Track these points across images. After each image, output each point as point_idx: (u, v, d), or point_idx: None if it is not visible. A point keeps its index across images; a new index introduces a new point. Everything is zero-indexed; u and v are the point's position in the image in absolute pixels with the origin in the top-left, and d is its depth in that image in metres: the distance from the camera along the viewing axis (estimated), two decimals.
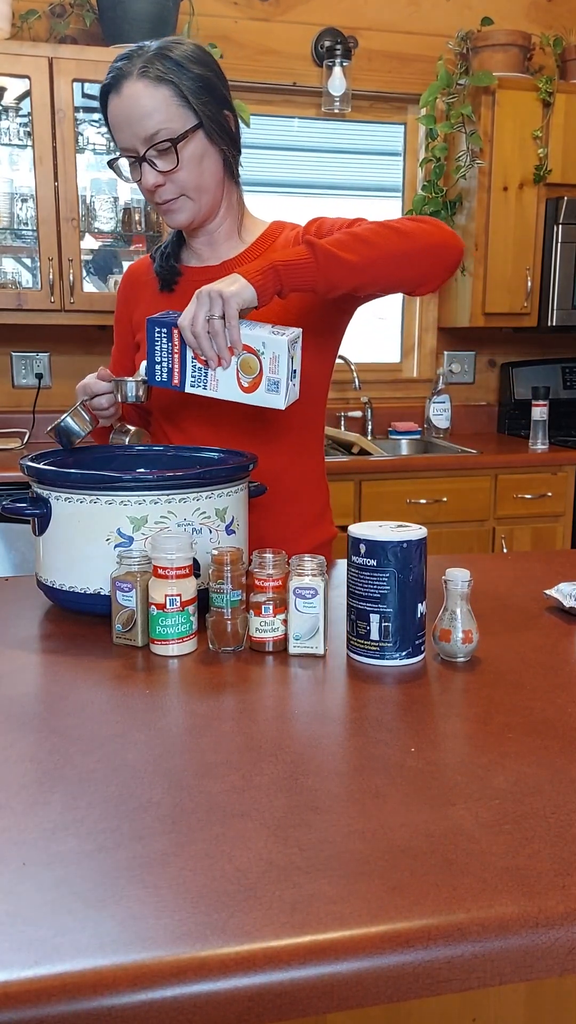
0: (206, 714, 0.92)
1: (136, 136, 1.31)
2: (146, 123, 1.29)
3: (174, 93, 1.30)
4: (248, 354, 1.24)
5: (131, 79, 1.29)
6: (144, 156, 1.32)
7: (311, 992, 0.57)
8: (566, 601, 1.24)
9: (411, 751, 0.84)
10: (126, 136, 1.32)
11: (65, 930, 0.59)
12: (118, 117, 1.31)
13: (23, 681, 1.02)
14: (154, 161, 1.32)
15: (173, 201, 1.37)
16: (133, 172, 1.36)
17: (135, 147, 1.32)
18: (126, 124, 1.31)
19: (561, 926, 0.61)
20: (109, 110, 1.33)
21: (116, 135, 1.34)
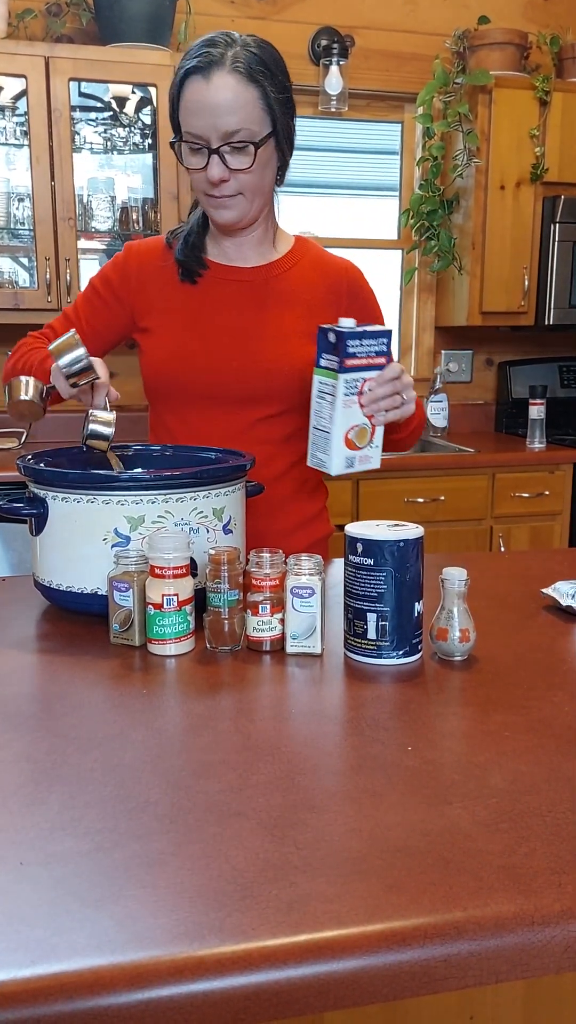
0: (203, 713, 0.93)
1: (215, 128, 1.30)
2: (229, 119, 1.29)
3: (260, 96, 1.31)
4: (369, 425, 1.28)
5: (223, 69, 1.28)
6: (217, 149, 1.31)
7: (308, 991, 0.58)
8: (563, 600, 1.25)
9: (408, 750, 0.84)
10: (203, 124, 1.30)
11: (62, 930, 0.59)
12: (200, 103, 1.29)
13: (20, 681, 1.02)
14: (225, 156, 1.32)
15: (230, 198, 1.37)
16: (193, 158, 1.35)
17: (208, 137, 1.31)
18: (208, 113, 1.29)
19: (557, 924, 0.61)
20: (190, 92, 1.30)
21: (189, 119, 1.31)
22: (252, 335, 1.45)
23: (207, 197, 1.38)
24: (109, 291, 1.50)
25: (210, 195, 1.37)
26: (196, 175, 1.36)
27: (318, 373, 1.25)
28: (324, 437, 1.25)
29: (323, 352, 1.24)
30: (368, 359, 1.24)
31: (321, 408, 1.25)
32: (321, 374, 1.24)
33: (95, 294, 1.51)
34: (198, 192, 1.40)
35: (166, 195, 2.99)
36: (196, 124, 1.31)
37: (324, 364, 1.24)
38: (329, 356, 1.23)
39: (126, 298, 1.49)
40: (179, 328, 1.45)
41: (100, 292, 1.50)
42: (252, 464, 1.27)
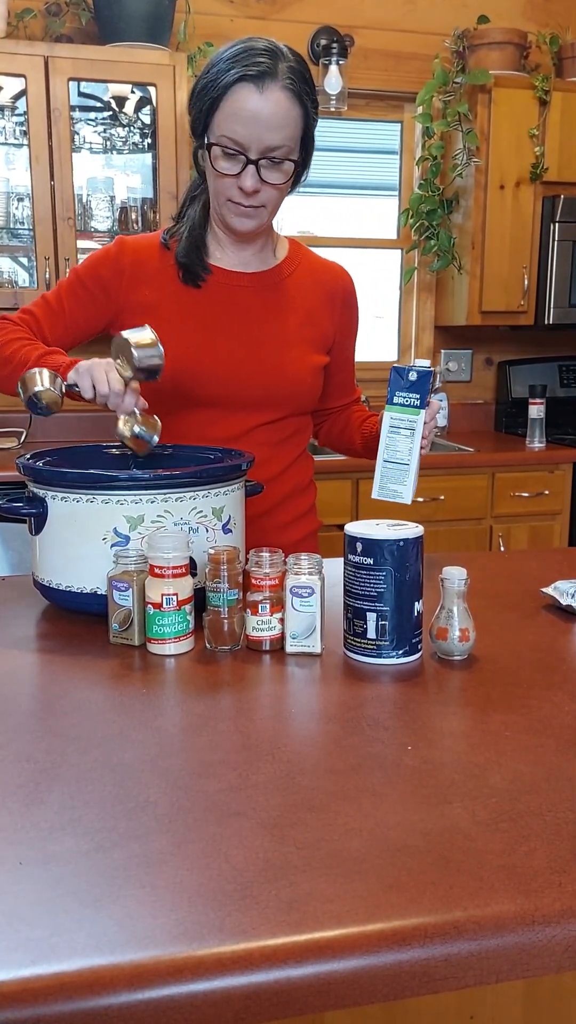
0: (203, 713, 0.92)
1: (259, 140, 1.30)
2: (275, 134, 1.30)
3: (302, 116, 1.33)
4: None
5: (276, 84, 1.29)
6: (256, 161, 1.32)
7: (308, 991, 0.57)
8: (563, 599, 1.25)
9: (408, 749, 0.84)
10: (248, 134, 1.30)
11: (62, 929, 0.59)
12: (250, 113, 1.29)
13: (20, 680, 1.02)
14: (260, 169, 1.33)
15: (254, 208, 1.38)
16: (226, 163, 1.34)
17: (249, 147, 1.31)
18: (255, 123, 1.29)
19: (557, 924, 0.61)
20: (239, 98, 1.29)
21: (234, 125, 1.30)
22: (256, 341, 1.45)
23: (230, 204, 1.38)
24: (97, 284, 1.45)
25: (235, 203, 1.37)
26: (224, 181, 1.35)
27: (392, 410, 1.35)
28: (401, 470, 1.35)
29: (398, 390, 1.35)
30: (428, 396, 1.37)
31: (396, 442, 1.35)
32: (396, 411, 1.34)
33: (80, 285, 1.46)
34: (219, 197, 1.39)
35: (165, 195, 2.99)
36: (240, 132, 1.30)
37: (399, 401, 1.35)
38: (406, 393, 1.34)
39: (115, 294, 1.45)
40: (183, 332, 1.43)
41: (86, 284, 1.46)
42: (251, 464, 1.27)
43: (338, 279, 1.55)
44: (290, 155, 1.33)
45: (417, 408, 1.33)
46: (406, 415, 1.33)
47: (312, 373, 1.50)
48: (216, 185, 1.38)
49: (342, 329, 1.56)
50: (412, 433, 1.34)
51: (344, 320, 1.56)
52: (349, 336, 1.60)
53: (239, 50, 1.30)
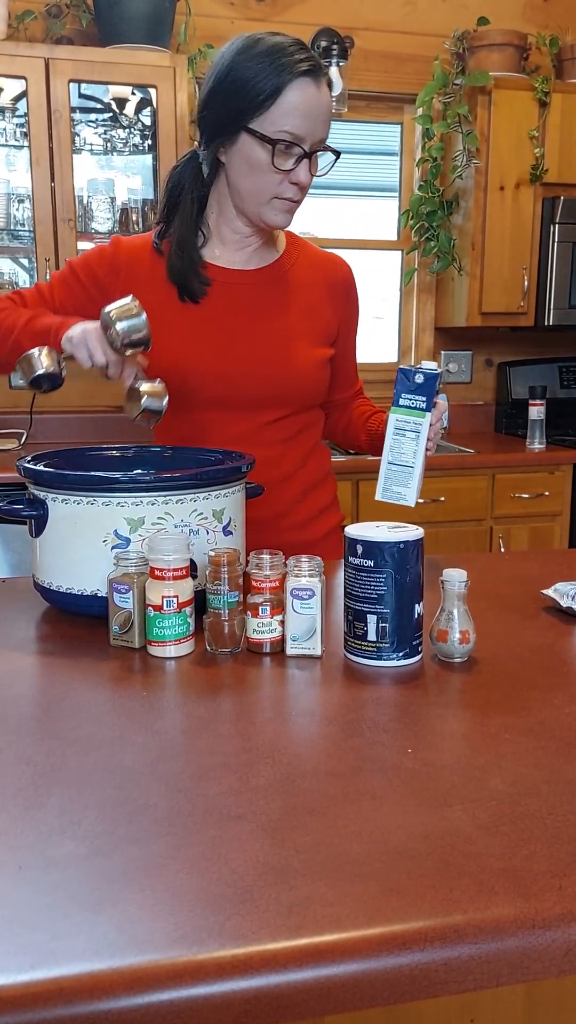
0: (203, 716, 0.92)
1: (314, 133, 1.33)
2: (325, 126, 1.35)
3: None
4: None
5: (324, 79, 1.33)
6: (310, 154, 1.34)
7: (308, 995, 0.57)
8: (563, 601, 1.24)
9: (408, 752, 0.84)
10: (309, 126, 1.32)
11: (61, 934, 0.59)
12: (312, 106, 1.31)
13: (20, 683, 1.01)
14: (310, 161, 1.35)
15: (296, 203, 1.40)
16: (284, 159, 1.34)
17: (305, 140, 1.33)
18: (315, 116, 1.32)
19: (557, 927, 0.61)
20: (301, 93, 1.30)
21: (294, 119, 1.31)
22: (259, 338, 1.45)
23: (276, 200, 1.38)
24: (91, 280, 1.44)
25: (283, 198, 1.38)
26: (273, 176, 1.35)
27: (397, 412, 1.36)
28: (405, 472, 1.36)
29: (404, 392, 1.35)
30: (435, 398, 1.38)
31: (401, 444, 1.36)
32: (402, 412, 1.35)
33: (74, 278, 1.45)
34: (262, 195, 1.37)
35: None
36: (302, 126, 1.32)
37: (405, 403, 1.36)
38: (412, 396, 1.35)
39: (110, 292, 1.41)
40: (183, 334, 1.43)
41: (80, 278, 1.45)
42: (252, 466, 1.27)
43: (338, 270, 1.55)
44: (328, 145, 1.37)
45: (423, 411, 1.34)
46: (411, 417, 1.34)
47: (318, 367, 1.49)
48: (261, 182, 1.36)
49: (344, 320, 1.56)
50: (417, 436, 1.34)
51: (346, 311, 1.56)
52: (351, 327, 1.60)
53: (272, 46, 1.30)
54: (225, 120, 1.34)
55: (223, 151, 1.38)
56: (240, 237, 1.46)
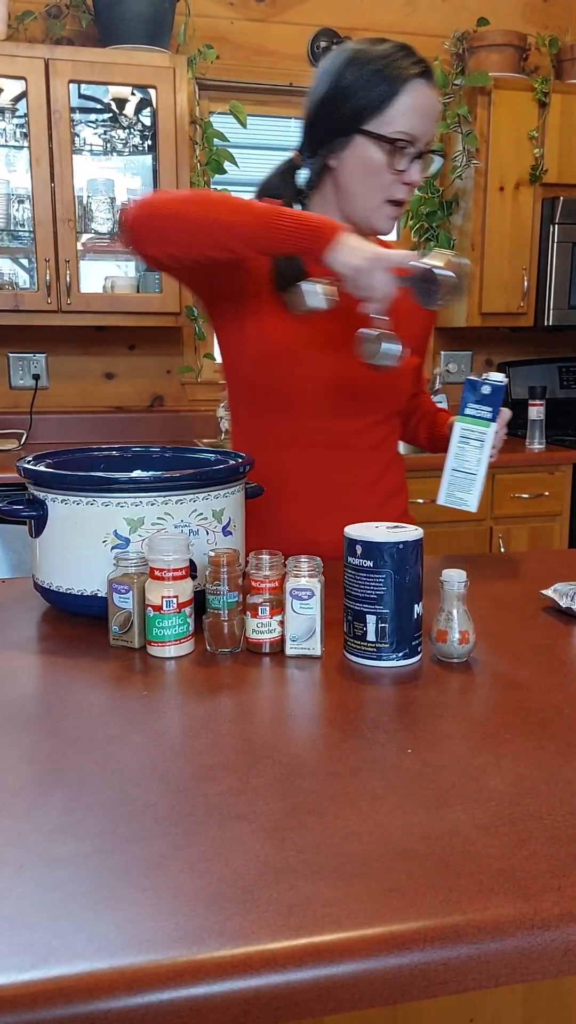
0: (203, 716, 0.93)
1: (428, 133, 1.35)
2: (434, 128, 1.37)
3: None
4: None
5: (434, 84, 1.35)
6: (422, 154, 1.36)
7: (308, 994, 0.58)
8: (563, 601, 1.25)
9: (408, 752, 0.84)
10: (423, 127, 1.34)
11: (62, 933, 0.59)
12: (426, 108, 1.34)
13: (20, 683, 1.02)
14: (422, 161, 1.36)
15: (401, 209, 1.41)
16: (400, 159, 1.35)
17: (421, 141, 1.35)
18: (429, 117, 1.35)
19: (557, 928, 0.61)
20: (417, 94, 1.33)
21: (413, 120, 1.33)
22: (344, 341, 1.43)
23: (386, 205, 1.38)
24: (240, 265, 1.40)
25: (393, 201, 1.38)
26: (387, 176, 1.36)
27: (463, 420, 1.39)
28: (468, 479, 1.39)
29: (471, 402, 1.39)
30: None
31: (465, 452, 1.39)
32: (467, 422, 1.39)
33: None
34: (373, 198, 1.38)
35: None
36: (419, 127, 1.34)
37: (471, 413, 1.39)
38: (479, 406, 1.38)
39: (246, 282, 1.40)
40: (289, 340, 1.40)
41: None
42: (251, 466, 1.27)
43: None
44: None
45: (488, 421, 1.37)
46: (477, 427, 1.37)
47: (412, 374, 1.52)
48: (376, 183, 1.37)
49: (427, 324, 1.58)
50: (482, 444, 1.38)
51: (431, 315, 1.57)
52: (430, 330, 1.63)
53: (382, 52, 1.34)
54: (339, 125, 1.36)
55: (334, 157, 1.39)
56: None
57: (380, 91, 1.32)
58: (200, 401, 3.46)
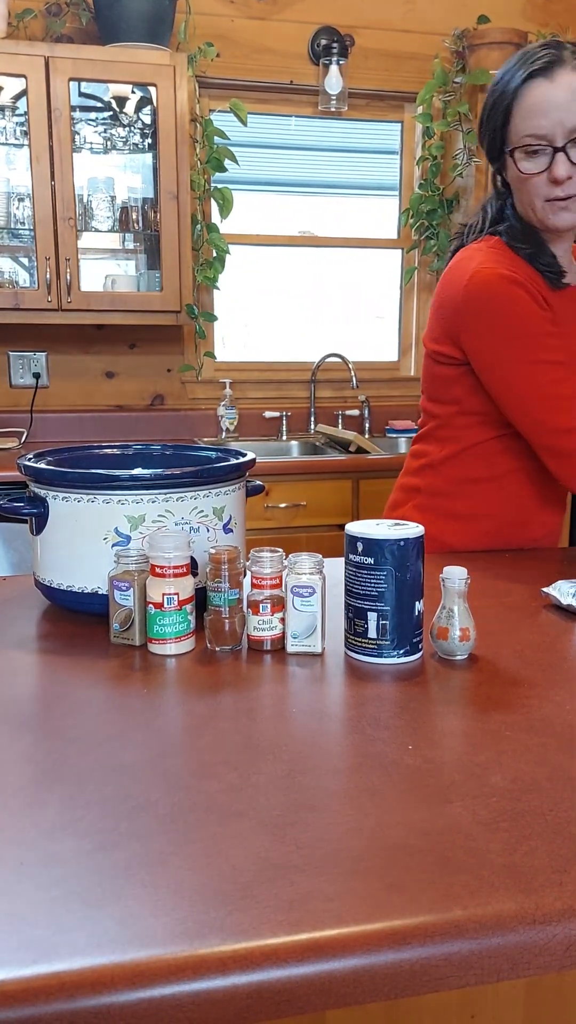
0: (204, 713, 0.93)
1: (561, 124, 1.32)
2: (570, 113, 1.32)
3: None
4: None
5: (566, 67, 1.32)
6: (563, 147, 1.33)
7: (309, 989, 0.58)
8: (564, 599, 1.25)
9: (408, 749, 0.84)
10: (549, 123, 1.32)
11: (63, 929, 0.59)
12: (547, 102, 1.32)
13: (21, 681, 1.02)
14: (569, 153, 1.34)
15: (572, 199, 1.37)
16: (531, 163, 1.36)
17: (554, 135, 1.33)
18: (554, 110, 1.32)
19: (558, 923, 0.61)
20: (532, 93, 1.33)
21: (533, 120, 1.33)
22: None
23: (547, 203, 1.38)
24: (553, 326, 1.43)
25: (552, 199, 1.37)
26: (534, 181, 1.36)
27: None
28: None
29: None
30: None
31: None
32: None
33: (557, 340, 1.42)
34: (532, 199, 1.39)
35: (166, 195, 2.99)
36: (542, 124, 1.32)
37: None
38: None
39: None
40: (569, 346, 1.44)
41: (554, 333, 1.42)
42: (252, 464, 1.27)
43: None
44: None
45: None
46: None
47: None
48: (528, 190, 1.38)
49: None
50: None
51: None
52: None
53: (518, 57, 1.35)
54: (491, 146, 1.41)
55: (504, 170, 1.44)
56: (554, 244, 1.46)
57: (502, 108, 1.36)
58: (201, 400, 3.46)
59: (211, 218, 3.34)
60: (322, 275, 3.60)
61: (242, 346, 3.61)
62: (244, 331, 3.60)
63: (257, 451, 3.27)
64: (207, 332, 3.41)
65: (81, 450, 1.40)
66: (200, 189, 3.22)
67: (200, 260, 3.27)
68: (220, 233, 3.25)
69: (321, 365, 3.43)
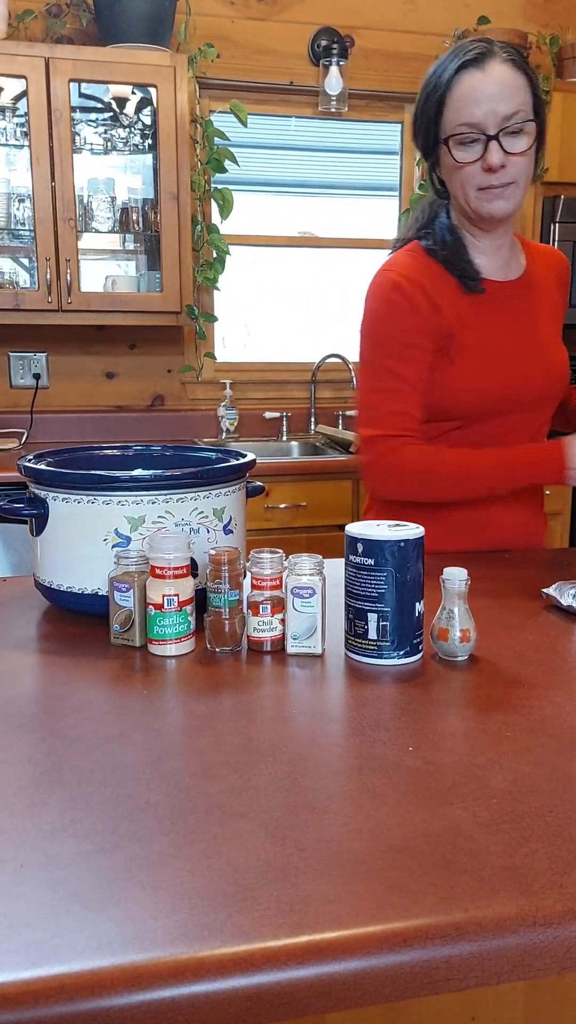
0: (204, 714, 0.92)
1: (495, 112, 1.33)
2: (508, 102, 1.33)
3: (529, 85, 1.36)
4: None
5: (496, 60, 1.34)
6: (496, 135, 1.34)
7: (309, 992, 0.57)
8: (564, 599, 1.24)
9: (409, 750, 0.84)
10: (482, 112, 1.33)
11: (63, 931, 0.59)
12: (477, 92, 1.33)
13: (21, 682, 1.02)
14: (502, 141, 1.34)
15: (505, 188, 1.38)
16: (465, 152, 1.36)
17: (486, 124, 1.34)
18: (486, 99, 1.33)
19: (559, 925, 0.61)
20: (465, 83, 1.34)
21: (465, 109, 1.34)
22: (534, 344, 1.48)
23: (480, 192, 1.39)
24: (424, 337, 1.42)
25: (486, 187, 1.38)
26: (467, 170, 1.37)
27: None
28: None
29: None
30: None
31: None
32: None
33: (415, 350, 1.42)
34: (466, 189, 1.39)
35: (166, 195, 2.99)
36: (474, 113, 1.34)
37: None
38: None
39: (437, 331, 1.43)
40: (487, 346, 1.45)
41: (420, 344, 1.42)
42: (252, 465, 1.27)
43: (560, 263, 1.59)
44: (527, 119, 1.35)
45: None
46: None
47: (568, 365, 1.55)
48: (462, 179, 1.39)
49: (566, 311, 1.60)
50: None
51: (563, 301, 1.60)
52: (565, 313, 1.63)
53: (450, 51, 1.37)
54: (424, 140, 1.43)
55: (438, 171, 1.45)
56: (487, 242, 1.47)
57: (435, 99, 1.37)
58: (201, 400, 3.46)
59: (211, 219, 3.34)
60: (322, 276, 3.60)
61: (242, 347, 3.60)
62: (244, 332, 3.60)
63: (257, 452, 3.27)
64: (207, 333, 3.41)
65: (81, 451, 1.40)
66: (200, 190, 3.22)
67: (200, 261, 3.27)
68: (220, 234, 3.25)
69: (321, 365, 3.43)
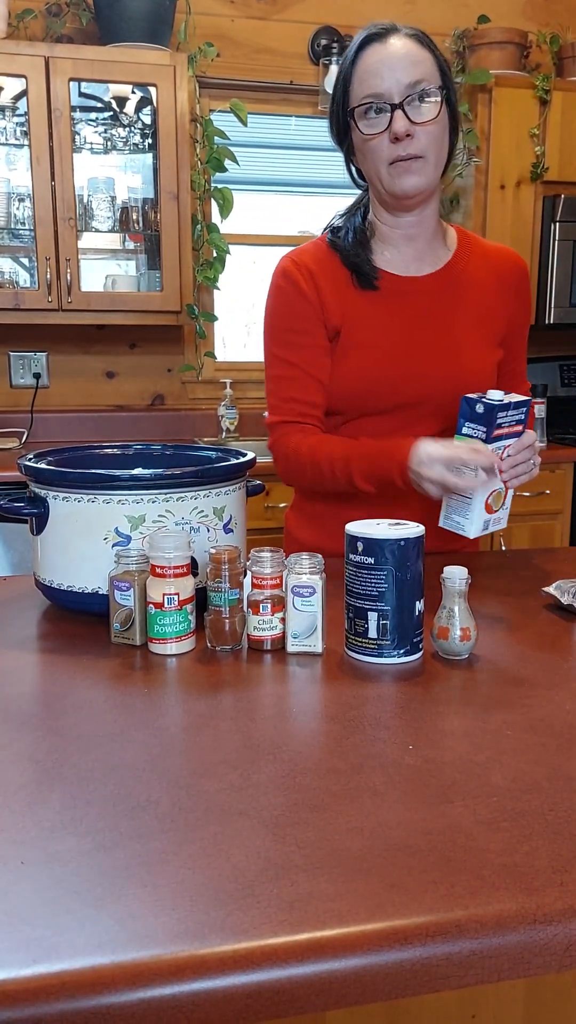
0: (204, 713, 0.93)
1: (398, 81, 1.32)
2: (412, 70, 1.33)
3: (433, 59, 1.36)
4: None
5: (398, 34, 1.35)
6: (400, 104, 1.33)
7: (309, 989, 0.58)
8: (564, 598, 1.25)
9: (409, 749, 0.84)
10: (385, 81, 1.32)
11: (63, 929, 0.59)
12: (379, 63, 1.33)
13: (21, 681, 1.02)
14: (407, 111, 1.33)
15: (414, 160, 1.36)
16: (373, 124, 1.35)
17: (391, 94, 1.33)
18: (388, 69, 1.33)
19: (559, 922, 0.61)
20: (368, 56, 1.34)
21: (369, 80, 1.34)
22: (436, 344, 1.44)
23: (391, 168, 1.37)
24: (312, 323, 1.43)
25: (395, 160, 1.36)
26: (374, 143, 1.36)
27: (460, 439, 1.29)
28: (464, 502, 1.30)
29: (467, 421, 1.28)
30: (509, 428, 1.29)
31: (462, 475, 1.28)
32: (463, 441, 1.28)
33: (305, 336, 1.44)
34: (378, 166, 1.38)
35: (166, 195, 2.99)
36: (377, 84, 1.33)
37: (468, 432, 1.28)
38: (474, 425, 1.27)
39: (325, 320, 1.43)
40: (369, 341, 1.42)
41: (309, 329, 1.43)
42: (252, 464, 1.27)
43: (509, 263, 1.52)
44: (433, 85, 1.34)
45: (483, 442, 1.26)
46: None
47: (491, 370, 1.48)
48: (371, 152, 1.38)
49: (515, 318, 1.53)
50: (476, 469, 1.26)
51: (517, 308, 1.53)
52: (522, 325, 1.56)
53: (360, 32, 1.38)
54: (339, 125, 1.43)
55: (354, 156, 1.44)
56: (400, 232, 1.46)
57: (342, 81, 1.38)
58: (201, 400, 3.46)
59: (211, 218, 3.34)
60: None
61: (242, 346, 3.60)
62: (244, 331, 3.60)
63: (257, 451, 3.26)
64: (207, 332, 3.41)
65: (81, 450, 1.40)
66: (200, 189, 3.22)
67: (200, 260, 3.27)
68: (220, 233, 3.25)
69: None
